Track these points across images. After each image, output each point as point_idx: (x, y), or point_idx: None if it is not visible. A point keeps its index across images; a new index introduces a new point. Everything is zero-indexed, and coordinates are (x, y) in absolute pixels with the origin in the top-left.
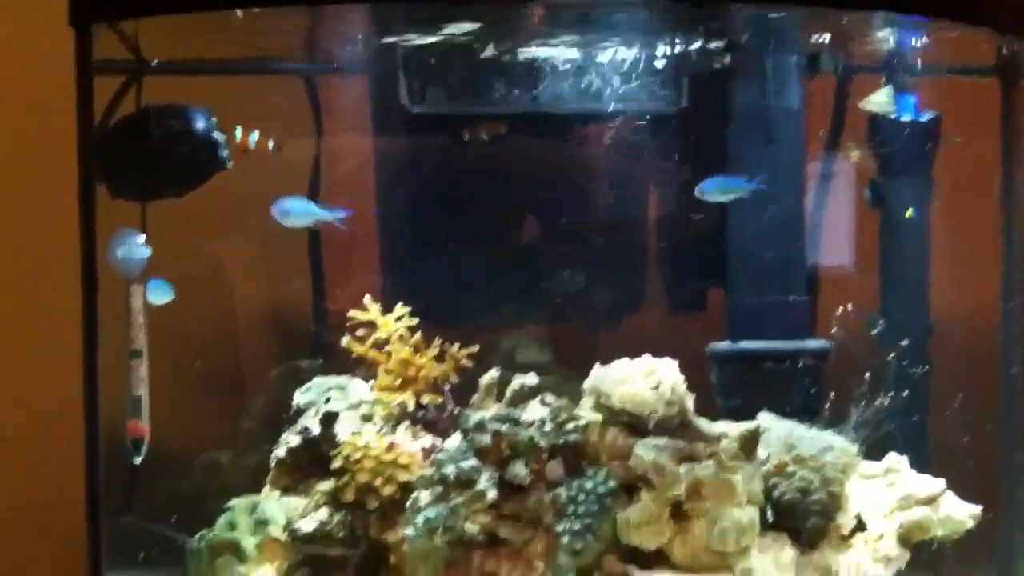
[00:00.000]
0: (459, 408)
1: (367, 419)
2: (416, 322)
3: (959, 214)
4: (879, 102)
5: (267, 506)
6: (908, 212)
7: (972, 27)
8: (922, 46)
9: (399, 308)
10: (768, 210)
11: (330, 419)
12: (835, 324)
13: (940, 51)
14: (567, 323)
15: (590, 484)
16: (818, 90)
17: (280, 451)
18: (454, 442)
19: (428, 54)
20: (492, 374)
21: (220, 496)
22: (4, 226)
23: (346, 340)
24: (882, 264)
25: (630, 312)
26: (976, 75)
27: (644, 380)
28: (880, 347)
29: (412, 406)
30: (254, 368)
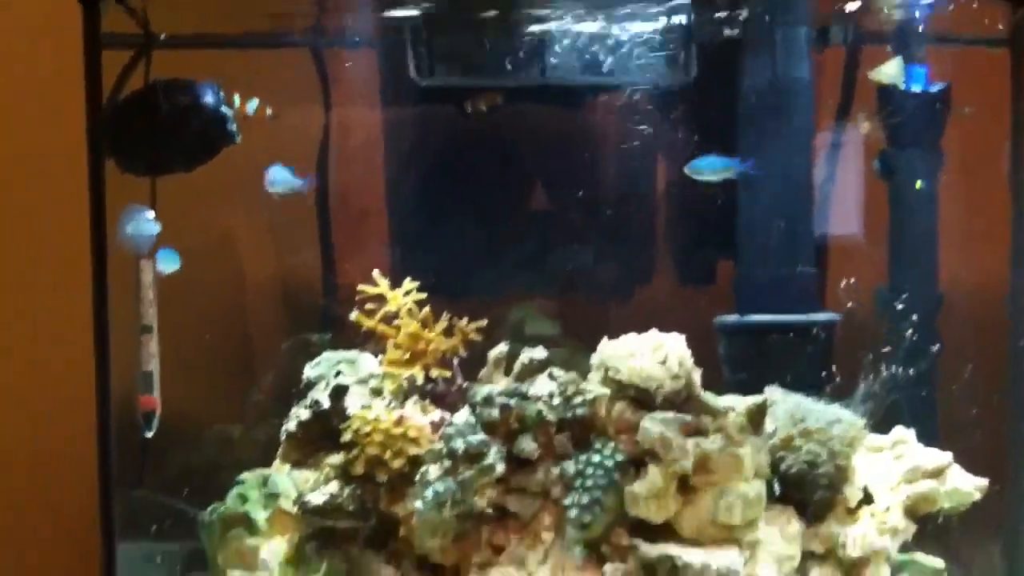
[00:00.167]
0: (468, 382)
1: (376, 393)
2: (425, 296)
3: (969, 185)
4: (889, 73)
5: (278, 479)
6: (918, 184)
7: None
8: (933, 15)
9: (407, 282)
10: (778, 182)
11: (340, 392)
12: (843, 296)
13: (951, 21)
14: (576, 295)
15: (598, 458)
16: (828, 61)
17: (291, 424)
18: (463, 416)
19: (436, 26)
20: (501, 348)
21: (232, 469)
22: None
23: (355, 314)
24: (891, 236)
25: (639, 285)
26: (987, 46)
27: (651, 354)
28: (888, 320)
29: (421, 380)
30: (264, 342)
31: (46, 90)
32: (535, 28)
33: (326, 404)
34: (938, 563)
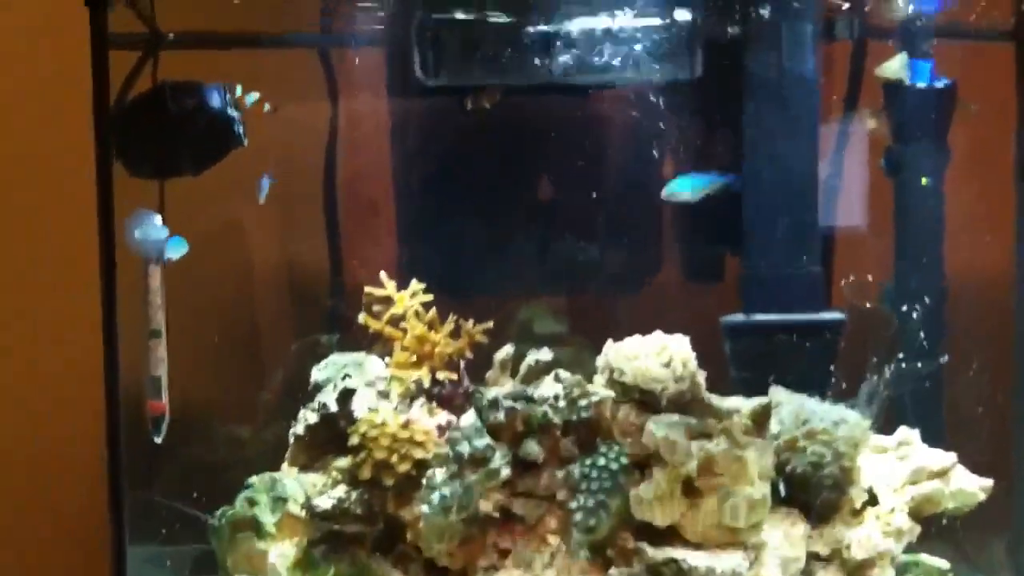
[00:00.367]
0: (474, 385)
1: (384, 396)
2: (431, 298)
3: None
4: (893, 69)
5: (286, 483)
6: (924, 180)
7: None
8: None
9: (414, 284)
10: (784, 180)
11: (347, 396)
12: (847, 294)
13: (956, 16)
14: (583, 294)
15: (603, 461)
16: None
17: (298, 428)
18: (469, 419)
19: (442, 25)
20: (507, 350)
21: (240, 471)
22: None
23: (362, 317)
24: (896, 232)
25: (646, 283)
26: (991, 40)
27: (655, 356)
28: (895, 319)
29: (428, 383)
30: (271, 344)
31: (48, 90)
32: (542, 27)
33: (334, 407)
34: (943, 564)
